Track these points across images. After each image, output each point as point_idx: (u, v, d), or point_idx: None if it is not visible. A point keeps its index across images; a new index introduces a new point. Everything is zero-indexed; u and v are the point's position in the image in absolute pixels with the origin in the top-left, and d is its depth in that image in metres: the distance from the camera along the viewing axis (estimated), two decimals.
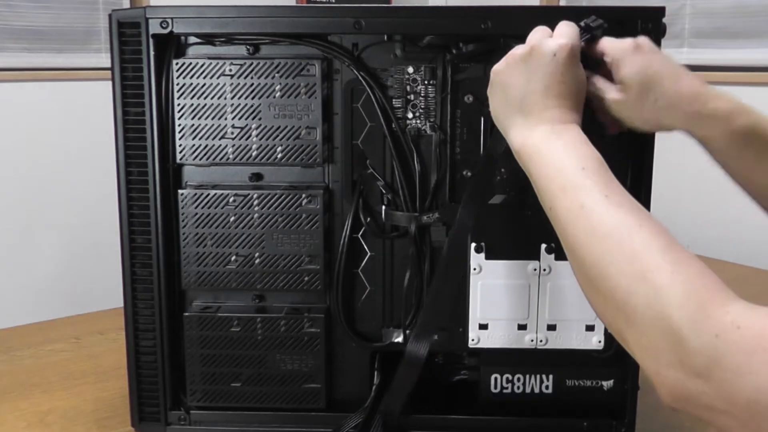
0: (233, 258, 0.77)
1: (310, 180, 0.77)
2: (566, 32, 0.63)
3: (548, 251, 0.75)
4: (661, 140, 0.73)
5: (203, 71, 0.74)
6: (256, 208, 0.76)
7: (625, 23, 0.70)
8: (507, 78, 0.64)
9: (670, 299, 0.47)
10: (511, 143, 0.64)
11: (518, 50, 0.63)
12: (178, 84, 0.74)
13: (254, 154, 0.75)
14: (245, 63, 0.74)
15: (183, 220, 0.76)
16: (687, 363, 0.45)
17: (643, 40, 0.65)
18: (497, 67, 0.65)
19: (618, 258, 0.51)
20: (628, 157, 0.73)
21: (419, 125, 0.75)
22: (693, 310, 0.45)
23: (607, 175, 0.56)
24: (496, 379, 0.79)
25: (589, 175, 0.56)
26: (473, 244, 0.76)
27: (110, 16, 0.73)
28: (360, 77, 0.74)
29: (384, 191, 0.76)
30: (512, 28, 0.72)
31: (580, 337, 0.77)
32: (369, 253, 0.78)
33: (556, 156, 0.59)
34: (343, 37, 0.74)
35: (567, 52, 0.61)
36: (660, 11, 0.71)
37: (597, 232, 0.53)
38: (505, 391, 0.79)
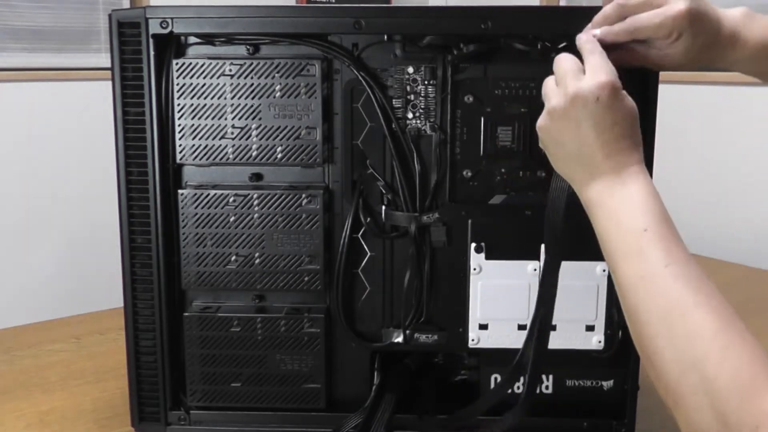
0: (233, 258, 0.77)
1: (310, 180, 0.77)
2: (600, 65, 0.59)
3: None
4: (662, 140, 0.73)
5: (203, 71, 0.74)
6: (256, 208, 0.76)
7: None
8: (556, 134, 0.61)
9: (716, 391, 0.47)
10: (578, 194, 0.62)
11: (558, 102, 0.59)
12: (178, 84, 0.74)
13: (254, 154, 0.75)
14: (245, 63, 0.74)
15: (183, 220, 0.76)
16: None
17: (679, 6, 0.61)
18: (541, 124, 0.62)
19: (670, 342, 0.50)
20: None
21: (419, 125, 0.75)
22: (736, 403, 0.46)
23: (669, 237, 0.54)
24: (496, 379, 0.79)
25: (650, 238, 0.54)
26: (473, 244, 0.76)
27: (110, 16, 0.73)
28: (360, 77, 0.74)
29: (384, 191, 0.76)
30: (512, 28, 0.72)
31: (580, 337, 0.77)
32: (369, 253, 0.78)
33: (617, 215, 0.57)
34: (343, 37, 0.74)
35: (609, 91, 0.57)
36: None
37: (653, 311, 0.52)
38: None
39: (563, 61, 0.61)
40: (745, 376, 0.46)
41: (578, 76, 0.59)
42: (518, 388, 0.79)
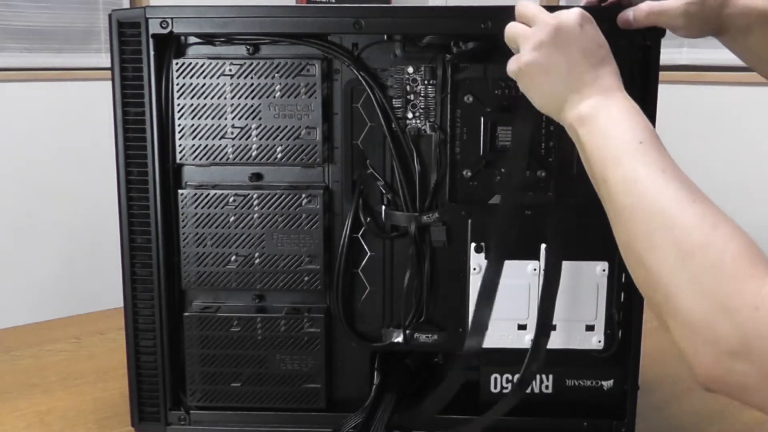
0: (233, 258, 0.77)
1: (310, 180, 0.77)
2: (568, 9, 0.63)
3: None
4: (662, 140, 0.73)
5: (203, 71, 0.74)
6: (256, 208, 0.76)
7: None
8: (543, 64, 0.62)
9: (718, 274, 0.47)
10: (564, 121, 0.62)
11: (544, 34, 0.61)
12: (178, 84, 0.74)
13: (254, 154, 0.75)
14: (245, 63, 0.74)
15: (183, 220, 0.76)
16: (726, 339, 0.45)
17: None
18: (526, 59, 0.63)
19: (670, 233, 0.51)
20: None
21: (419, 125, 0.75)
22: (738, 285, 0.46)
23: (661, 148, 0.56)
24: (496, 379, 0.79)
25: (646, 148, 0.55)
26: (473, 244, 0.76)
27: (110, 16, 0.73)
28: (360, 77, 0.74)
29: (384, 191, 0.76)
30: None
31: (580, 337, 0.77)
32: (369, 253, 0.78)
33: (612, 125, 0.58)
34: (343, 37, 0.74)
35: (587, 19, 0.62)
36: None
37: (651, 207, 0.52)
38: (505, 391, 0.79)
39: (528, 5, 0.64)
40: (747, 260, 0.47)
41: (553, 14, 0.62)
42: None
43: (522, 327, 0.77)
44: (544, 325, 0.72)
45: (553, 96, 0.62)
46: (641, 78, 0.72)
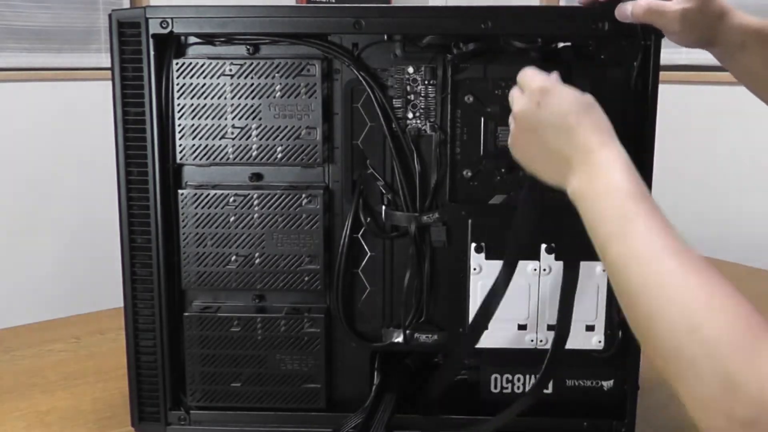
0: (233, 258, 0.77)
1: (310, 180, 0.77)
2: (530, 78, 0.64)
3: (548, 251, 0.75)
4: (662, 140, 0.73)
5: (203, 71, 0.74)
6: (256, 208, 0.76)
7: (624, 24, 0.70)
8: (526, 154, 0.64)
9: (718, 353, 0.46)
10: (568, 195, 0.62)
11: (513, 128, 0.64)
12: (178, 84, 0.74)
13: (254, 154, 0.75)
14: (245, 63, 0.74)
15: (183, 220, 0.76)
16: (737, 413, 0.45)
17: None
18: (514, 153, 0.66)
19: (666, 314, 0.50)
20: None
21: (419, 125, 0.75)
22: (740, 362, 0.45)
23: (648, 211, 0.55)
24: (496, 379, 0.79)
25: (631, 218, 0.54)
26: (473, 244, 0.76)
27: (110, 16, 0.73)
28: (360, 77, 0.74)
29: (384, 191, 0.76)
30: (512, 28, 0.72)
31: (580, 337, 0.77)
32: (369, 253, 0.78)
33: (596, 202, 0.57)
34: (343, 37, 0.74)
35: (542, 93, 0.62)
36: None
37: (642, 287, 0.52)
38: (505, 391, 0.79)
39: (512, 93, 0.66)
40: (745, 334, 0.46)
41: (518, 97, 0.64)
42: (518, 388, 0.79)
43: (522, 327, 0.77)
44: (565, 326, 0.72)
45: (550, 176, 0.63)
46: (641, 78, 0.72)
